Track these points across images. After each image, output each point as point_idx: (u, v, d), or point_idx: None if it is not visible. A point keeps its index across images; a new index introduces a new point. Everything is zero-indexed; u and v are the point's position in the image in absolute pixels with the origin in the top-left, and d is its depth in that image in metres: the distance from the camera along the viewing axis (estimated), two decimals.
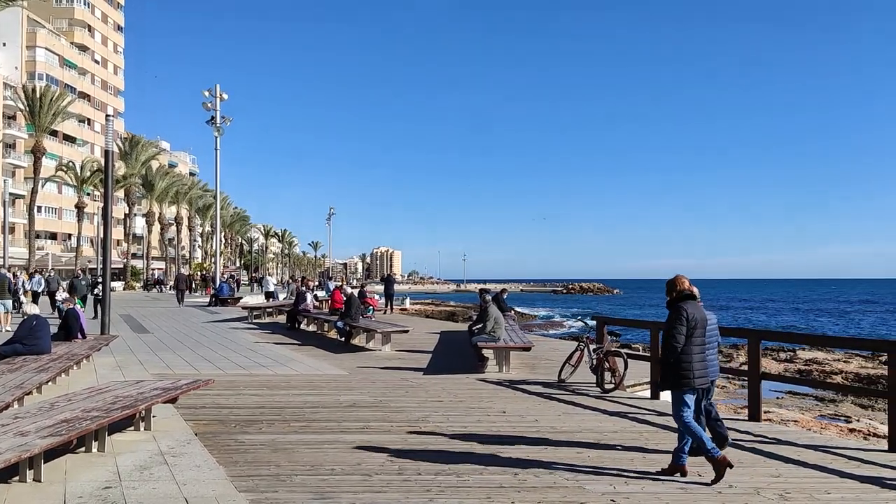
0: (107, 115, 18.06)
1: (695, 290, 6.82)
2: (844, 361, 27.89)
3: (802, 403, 19.72)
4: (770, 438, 8.12)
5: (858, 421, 16.65)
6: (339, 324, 18.03)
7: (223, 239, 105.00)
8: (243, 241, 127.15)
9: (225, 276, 52.20)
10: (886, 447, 7.77)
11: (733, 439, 7.94)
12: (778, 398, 20.28)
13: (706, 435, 6.43)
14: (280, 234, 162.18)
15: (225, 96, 40.75)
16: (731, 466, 6.14)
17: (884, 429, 13.12)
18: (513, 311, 23.81)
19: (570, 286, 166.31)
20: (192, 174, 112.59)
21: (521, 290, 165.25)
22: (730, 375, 22.14)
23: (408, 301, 48.07)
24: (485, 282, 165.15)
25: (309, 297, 22.92)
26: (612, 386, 11.09)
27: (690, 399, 6.41)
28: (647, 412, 9.55)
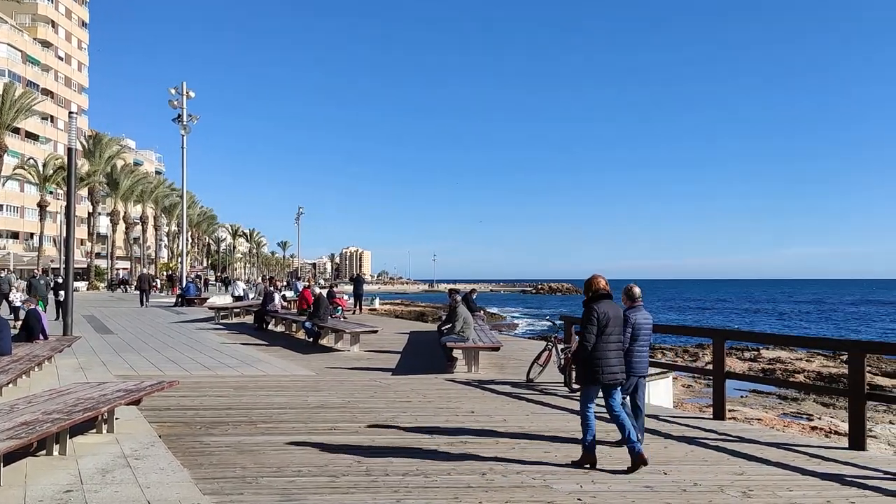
0: (70, 113, 17.70)
1: (637, 290, 7.58)
2: (807, 360, 28.44)
3: (766, 402, 20.06)
4: (734, 437, 8.23)
5: (820, 419, 16.99)
6: (308, 324, 17.91)
7: (190, 238, 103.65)
8: (210, 241, 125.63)
9: (191, 275, 51.56)
10: (847, 445, 7.91)
11: (699, 438, 8.07)
12: (742, 397, 20.61)
13: (593, 429, 6.75)
14: (248, 233, 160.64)
15: (192, 94, 40.29)
16: (594, 465, 6.64)
17: (844, 427, 13.42)
18: (482, 311, 23.84)
19: (540, 286, 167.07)
20: (158, 173, 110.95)
21: (491, 290, 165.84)
22: (695, 375, 22.54)
23: (377, 301, 47.99)
24: (455, 282, 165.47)
25: (277, 297, 22.73)
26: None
27: (597, 394, 6.77)
28: None
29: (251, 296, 31.78)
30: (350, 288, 35.36)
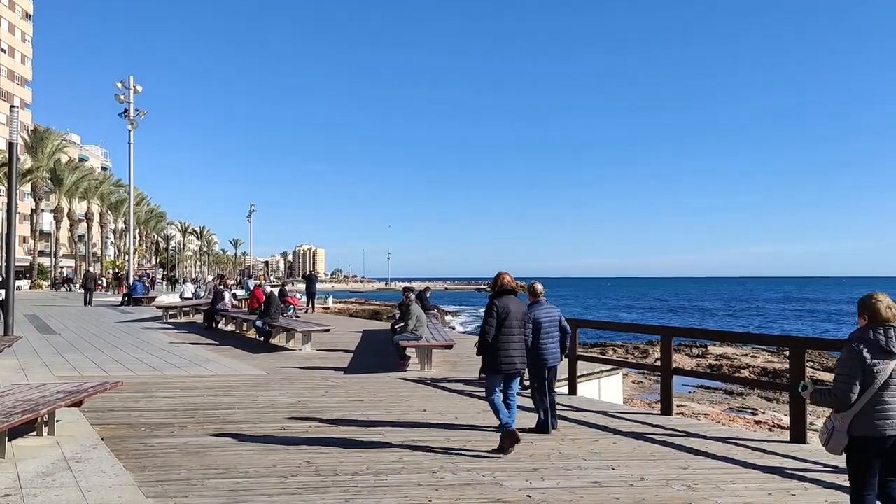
0: (11, 106, 17.11)
1: (539, 287, 8.33)
2: (752, 356, 29.18)
3: (713, 397, 20.49)
4: (680, 431, 8.38)
5: (764, 413, 17.45)
6: (259, 323, 17.68)
7: (137, 236, 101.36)
8: (159, 239, 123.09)
9: (139, 274, 50.48)
10: (788, 438, 8.13)
11: (646, 433, 8.20)
12: (691, 392, 21.03)
13: (504, 411, 7.18)
14: (199, 231, 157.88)
15: (139, 88, 39.46)
16: (518, 442, 7.06)
17: (787, 420, 13.78)
18: (436, 310, 23.86)
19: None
20: (104, 168, 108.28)
21: (446, 289, 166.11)
22: (645, 371, 22.94)
23: (331, 300, 47.68)
24: (410, 280, 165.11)
25: (227, 295, 22.38)
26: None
27: (500, 383, 7.31)
28: (564, 408, 9.70)
29: (201, 295, 31.23)
30: (303, 286, 34.97)
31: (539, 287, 8.46)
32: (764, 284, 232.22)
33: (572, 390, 11.14)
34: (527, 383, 11.19)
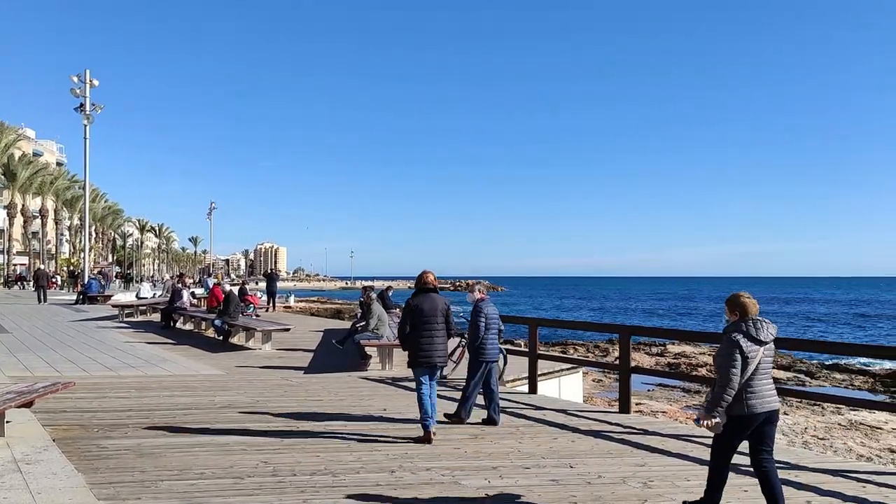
0: None
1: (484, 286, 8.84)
2: (709, 355, 29.65)
3: (671, 395, 20.81)
4: (638, 429, 8.49)
5: None
6: (217, 322, 17.43)
7: (93, 233, 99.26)
8: (116, 236, 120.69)
9: (94, 272, 49.46)
10: None
11: (604, 431, 8.29)
12: (649, 391, 21.33)
13: (427, 410, 7.52)
14: (157, 228, 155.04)
15: (95, 83, 38.61)
16: (430, 442, 7.36)
17: None
18: (398, 309, 23.77)
19: (457, 283, 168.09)
20: (59, 164, 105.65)
21: (409, 288, 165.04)
22: (605, 370, 23.20)
23: (292, 298, 47.18)
24: (373, 279, 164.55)
25: (185, 294, 22.03)
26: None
27: (424, 375, 7.62)
28: (523, 406, 9.77)
29: (158, 293, 30.69)
30: (264, 285, 34.58)
31: (483, 285, 8.95)
32: (723, 284, 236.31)
33: (532, 389, 11.21)
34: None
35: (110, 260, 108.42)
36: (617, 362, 12.33)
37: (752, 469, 5.19)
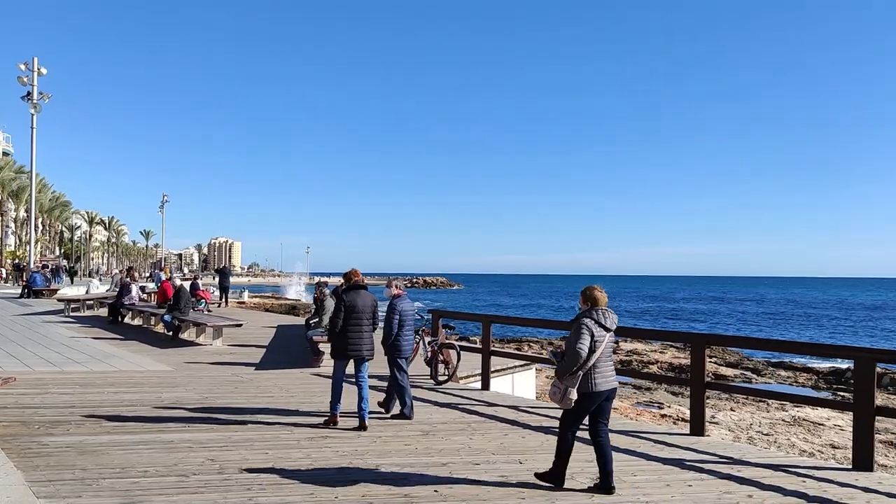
0: None
1: (399, 282, 8.97)
2: (660, 352, 30.17)
3: (622, 392, 21.07)
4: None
5: (670, 407, 18.08)
6: (167, 317, 17.10)
7: (40, 225, 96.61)
8: (64, 229, 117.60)
9: (39, 265, 48.14)
10: (688, 431, 8.43)
11: (554, 428, 8.29)
12: None
13: (339, 397, 8.11)
14: (107, 221, 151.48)
15: (43, 71, 37.51)
16: (335, 425, 7.95)
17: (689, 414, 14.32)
18: None
19: (415, 280, 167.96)
20: (5, 154, 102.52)
21: (384, 285, 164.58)
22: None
23: (246, 294, 46.50)
24: (330, 275, 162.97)
25: (134, 288, 21.55)
26: (445, 378, 11.29)
27: (342, 366, 8.13)
28: (476, 403, 9.80)
29: (106, 288, 30.00)
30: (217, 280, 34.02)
31: (400, 281, 9.14)
32: (692, 283, 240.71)
33: (485, 385, 11.24)
34: (441, 378, 11.27)
35: (57, 253, 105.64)
36: None
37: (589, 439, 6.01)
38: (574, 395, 5.69)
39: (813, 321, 64.45)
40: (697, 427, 8.24)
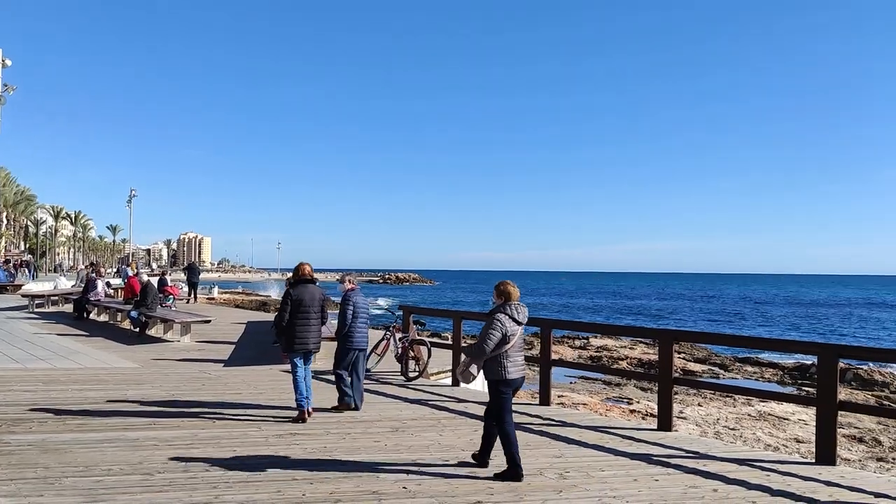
0: None
1: (353, 276, 9.14)
2: (630, 348, 30.45)
3: (592, 387, 21.23)
4: (557, 421, 8.62)
5: (639, 402, 18.25)
6: (134, 313, 16.86)
7: (4, 220, 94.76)
8: (29, 223, 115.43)
9: (2, 260, 47.22)
10: (656, 426, 8.52)
11: (524, 423, 8.38)
12: (572, 383, 21.73)
13: (303, 392, 8.19)
14: (73, 216, 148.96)
15: (8, 62, 36.75)
16: (304, 421, 7.98)
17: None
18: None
19: (388, 276, 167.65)
20: None
21: (336, 280, 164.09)
22: (528, 363, 23.50)
23: (216, 290, 46.07)
24: None
25: (100, 284, 21.23)
26: (416, 374, 11.27)
27: (299, 360, 8.29)
28: (446, 399, 9.80)
29: (72, 283, 29.51)
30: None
31: (353, 276, 9.32)
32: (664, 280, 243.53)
33: (455, 382, 11.25)
34: (412, 374, 11.26)
35: (22, 248, 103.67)
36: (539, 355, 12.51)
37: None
38: (475, 371, 6.27)
39: (763, 316, 65.59)
40: (665, 422, 8.33)
